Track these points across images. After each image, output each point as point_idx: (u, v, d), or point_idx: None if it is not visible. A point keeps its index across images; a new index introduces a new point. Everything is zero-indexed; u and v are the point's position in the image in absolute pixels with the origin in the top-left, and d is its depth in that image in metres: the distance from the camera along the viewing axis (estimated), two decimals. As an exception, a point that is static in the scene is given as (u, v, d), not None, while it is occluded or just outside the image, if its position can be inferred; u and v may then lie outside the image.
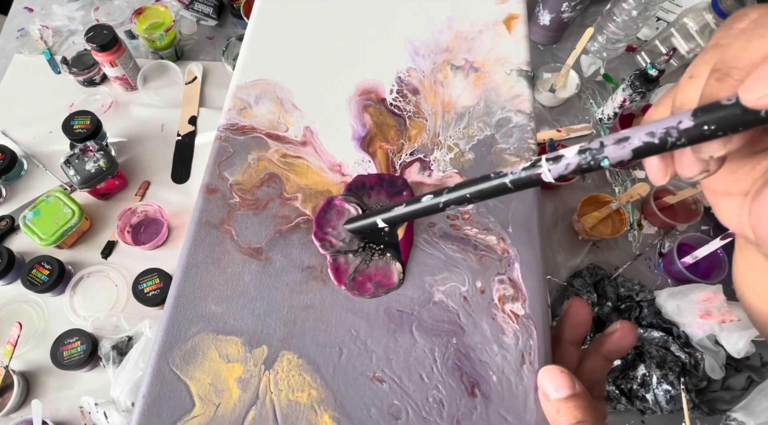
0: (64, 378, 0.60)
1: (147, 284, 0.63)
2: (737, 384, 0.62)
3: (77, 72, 0.78)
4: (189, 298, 0.26)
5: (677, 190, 0.70)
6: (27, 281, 0.61)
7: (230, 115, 0.32)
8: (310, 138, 0.32)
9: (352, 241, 0.28)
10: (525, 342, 0.26)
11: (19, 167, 0.73)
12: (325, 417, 0.24)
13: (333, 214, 0.29)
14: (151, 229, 0.70)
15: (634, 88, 0.72)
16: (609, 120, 0.79)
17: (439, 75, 0.34)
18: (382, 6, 0.37)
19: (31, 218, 0.64)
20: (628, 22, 0.77)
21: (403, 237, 0.28)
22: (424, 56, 0.35)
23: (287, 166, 0.31)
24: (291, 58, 0.34)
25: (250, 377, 0.25)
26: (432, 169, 0.31)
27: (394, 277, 0.27)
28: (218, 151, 0.31)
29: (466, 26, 0.36)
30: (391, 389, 0.25)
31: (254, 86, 0.33)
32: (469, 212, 0.30)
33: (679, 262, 0.66)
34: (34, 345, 0.62)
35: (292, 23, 0.36)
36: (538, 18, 0.83)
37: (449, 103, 0.33)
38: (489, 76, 0.35)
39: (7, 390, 0.58)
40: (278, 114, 0.32)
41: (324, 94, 0.33)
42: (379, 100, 0.33)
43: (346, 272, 0.27)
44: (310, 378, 0.25)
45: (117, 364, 0.58)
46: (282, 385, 0.25)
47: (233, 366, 0.25)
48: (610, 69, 0.86)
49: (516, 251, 0.28)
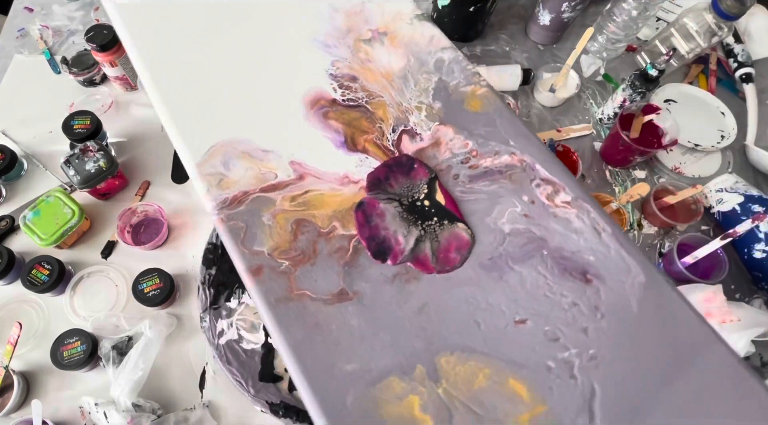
0: (64, 378, 0.60)
1: (147, 284, 0.63)
2: (737, 384, 0.62)
3: (77, 72, 0.78)
4: (321, 375, 0.25)
5: (677, 190, 0.70)
6: (27, 281, 0.61)
7: (213, 194, 0.30)
8: (302, 170, 0.31)
9: (410, 230, 0.28)
10: (588, 217, 0.29)
11: (19, 167, 0.73)
12: (510, 381, 0.25)
13: (375, 218, 0.29)
14: (151, 229, 0.70)
15: (634, 88, 0.72)
16: (609, 120, 0.79)
17: (360, 54, 0.35)
18: (265, 23, 0.36)
19: (31, 218, 0.64)
20: (628, 22, 0.77)
21: (445, 201, 0.29)
22: (335, 46, 0.35)
23: (304, 205, 0.30)
24: (220, 109, 0.32)
25: (428, 398, 0.24)
26: (419, 132, 0.32)
27: (465, 236, 0.28)
28: (231, 233, 0.29)
29: (349, 3, 0.37)
30: (534, 322, 0.27)
31: (212, 155, 0.31)
32: (474, 149, 0.31)
33: (679, 262, 0.66)
34: (34, 345, 0.62)
35: (196, 74, 0.34)
36: (538, 18, 0.83)
37: (387, 72, 0.34)
38: (398, 33, 0.36)
39: (7, 390, 0.58)
40: (256, 167, 0.31)
41: (279, 124, 0.32)
42: (331, 102, 0.33)
43: (428, 259, 0.28)
44: (474, 362, 0.25)
45: (117, 364, 0.58)
46: (458, 385, 0.25)
47: (408, 401, 0.24)
48: (610, 69, 0.86)
49: (528, 155, 0.31)
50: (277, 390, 0.57)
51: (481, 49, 0.86)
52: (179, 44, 0.35)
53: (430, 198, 0.29)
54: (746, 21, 0.87)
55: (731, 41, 0.85)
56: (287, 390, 0.57)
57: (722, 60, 0.87)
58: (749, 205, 0.68)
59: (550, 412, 0.24)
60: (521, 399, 0.25)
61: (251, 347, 0.60)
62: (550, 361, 0.26)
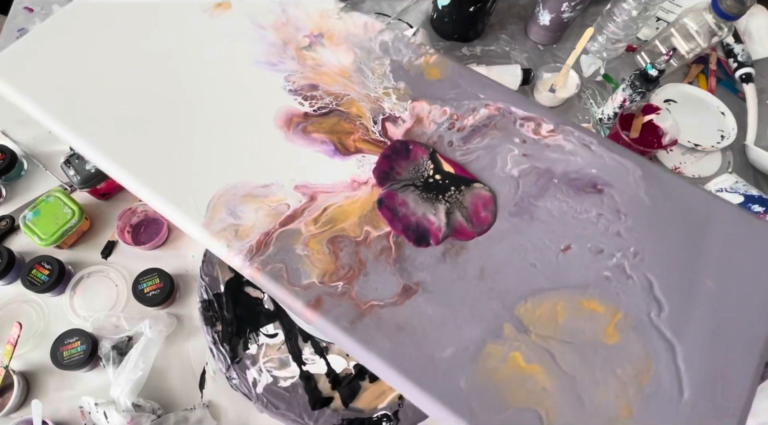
0: (64, 378, 0.60)
1: (147, 284, 0.63)
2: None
3: (77, 72, 0.78)
4: (425, 372, 0.25)
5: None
6: (27, 281, 0.61)
7: (235, 248, 0.28)
8: (310, 191, 0.30)
9: (436, 207, 0.29)
10: (574, 137, 0.32)
11: (19, 167, 0.73)
12: (583, 303, 0.27)
13: (400, 209, 0.29)
14: (151, 229, 0.70)
15: (634, 88, 0.72)
16: (609, 120, 0.79)
17: (308, 62, 0.35)
18: (196, 62, 0.35)
19: (31, 218, 0.64)
20: (628, 22, 0.77)
21: (453, 169, 0.31)
22: (280, 61, 0.35)
23: (329, 223, 0.29)
24: (199, 162, 0.30)
25: (527, 349, 0.26)
26: (398, 116, 0.33)
27: (485, 193, 0.30)
28: (273, 277, 0.28)
29: (270, 16, 0.37)
30: (577, 244, 0.29)
31: (215, 210, 0.29)
32: (453, 113, 0.33)
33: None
34: (34, 345, 0.62)
35: (153, 135, 0.31)
36: (538, 18, 0.83)
37: (341, 70, 0.34)
38: (333, 30, 0.36)
39: (7, 390, 0.58)
40: (265, 204, 0.30)
41: (265, 155, 0.31)
42: (304, 116, 0.33)
43: (464, 226, 0.29)
44: (547, 301, 0.27)
45: (117, 364, 0.58)
46: (545, 326, 0.26)
47: (512, 359, 0.26)
48: (610, 69, 0.86)
49: (501, 102, 0.33)
50: (333, 411, 0.57)
51: (481, 49, 0.86)
52: (114, 110, 0.32)
53: (439, 171, 0.30)
54: (746, 21, 0.87)
55: (731, 41, 0.85)
56: (342, 406, 0.57)
57: (722, 60, 0.87)
58: (749, 205, 0.68)
59: (626, 315, 0.27)
60: (599, 314, 0.27)
61: (289, 383, 0.58)
62: (606, 271, 0.28)
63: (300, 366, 0.59)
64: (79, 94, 0.33)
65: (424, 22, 0.89)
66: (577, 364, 0.26)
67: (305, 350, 0.60)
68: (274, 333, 0.61)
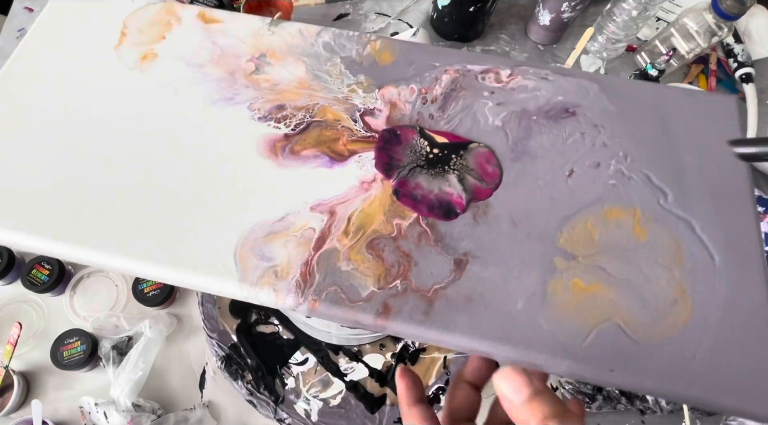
0: (64, 378, 0.60)
1: (147, 284, 0.63)
2: (737, 384, 0.62)
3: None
4: (511, 330, 0.26)
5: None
6: (27, 281, 0.61)
7: (282, 289, 0.27)
8: (326, 207, 0.29)
9: (447, 179, 0.30)
10: (530, 73, 0.34)
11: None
12: (606, 215, 0.29)
13: (417, 192, 0.30)
14: (151, 229, 0.70)
15: (634, 88, 0.72)
16: (609, 120, 0.79)
17: (263, 85, 0.34)
18: (153, 119, 0.33)
19: (31, 218, 0.64)
20: (628, 22, 0.77)
21: (446, 139, 0.32)
22: (236, 94, 0.33)
23: (360, 230, 0.29)
24: (205, 222, 0.29)
25: (582, 272, 0.28)
26: (373, 107, 0.33)
27: (482, 150, 0.31)
28: (333, 302, 0.27)
29: (203, 53, 0.35)
30: (576, 166, 0.31)
31: (244, 261, 0.28)
32: (420, 88, 0.34)
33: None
34: (34, 345, 0.62)
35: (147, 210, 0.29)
36: (538, 18, 0.83)
37: (299, 82, 0.34)
38: (273, 46, 0.35)
39: (7, 390, 0.57)
40: (290, 236, 0.28)
41: (265, 189, 0.30)
42: (284, 138, 0.32)
43: (479, 186, 0.30)
44: (576, 224, 0.29)
45: (117, 364, 0.58)
46: (585, 247, 0.29)
47: (574, 286, 0.28)
48: (610, 69, 0.86)
49: (456, 64, 0.35)
50: (391, 406, 0.57)
51: (481, 50, 0.86)
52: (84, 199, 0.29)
53: (434, 145, 0.31)
54: (746, 21, 0.87)
55: (731, 41, 0.85)
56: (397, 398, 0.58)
57: (722, 60, 0.87)
58: (749, 205, 0.68)
59: (643, 211, 0.29)
60: (622, 218, 0.29)
61: (339, 399, 0.58)
62: (610, 180, 0.30)
63: (342, 379, 0.59)
64: (36, 194, 0.29)
65: (424, 22, 0.89)
66: (626, 269, 0.28)
67: (340, 362, 0.60)
68: (303, 360, 0.60)
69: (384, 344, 0.61)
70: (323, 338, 0.60)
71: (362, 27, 0.87)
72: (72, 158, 0.31)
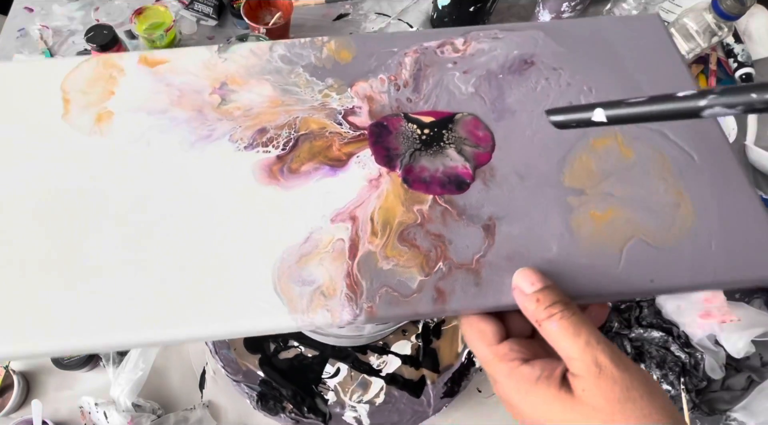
0: (64, 378, 0.60)
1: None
2: (737, 384, 0.62)
3: (77, 72, 0.78)
4: (558, 272, 0.28)
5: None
6: (27, 281, 0.61)
7: (335, 306, 0.27)
8: (346, 215, 0.29)
9: (446, 153, 0.31)
10: (483, 37, 0.36)
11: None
12: (596, 145, 0.31)
13: (424, 174, 0.30)
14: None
15: (634, 89, 0.72)
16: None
17: (236, 114, 0.32)
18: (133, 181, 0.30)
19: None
20: (628, 22, 0.77)
21: (431, 117, 0.33)
22: (212, 130, 0.32)
23: (386, 226, 0.29)
24: (233, 263, 0.28)
25: (595, 203, 0.30)
26: (352, 106, 0.33)
27: (467, 118, 0.33)
28: (388, 303, 0.27)
29: (161, 97, 0.33)
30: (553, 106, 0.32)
31: (285, 292, 0.27)
32: (389, 76, 0.34)
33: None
34: (34, 345, 0.62)
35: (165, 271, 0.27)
36: (538, 18, 0.83)
37: (271, 101, 0.33)
38: (230, 73, 0.34)
39: (7, 390, 0.58)
40: (322, 253, 0.28)
41: (279, 215, 0.29)
42: (277, 159, 0.31)
43: (477, 152, 0.31)
44: (575, 160, 0.31)
45: (117, 364, 0.58)
46: (590, 178, 0.30)
47: (593, 217, 0.29)
48: (610, 69, 0.86)
49: (413, 46, 0.35)
50: (432, 384, 0.59)
51: (481, 49, 0.86)
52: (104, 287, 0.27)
53: (423, 126, 0.32)
54: (746, 21, 0.87)
55: (731, 41, 0.85)
56: (436, 375, 0.59)
57: (722, 60, 0.87)
58: (749, 205, 0.68)
59: (622, 133, 0.32)
60: (608, 144, 0.32)
61: (382, 396, 0.58)
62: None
63: (378, 376, 0.59)
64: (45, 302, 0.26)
65: (424, 22, 0.89)
66: (629, 187, 0.30)
67: (371, 360, 0.60)
68: (335, 371, 0.59)
69: (405, 329, 0.61)
70: (347, 343, 0.59)
71: (362, 27, 0.87)
72: (70, 243, 0.28)
